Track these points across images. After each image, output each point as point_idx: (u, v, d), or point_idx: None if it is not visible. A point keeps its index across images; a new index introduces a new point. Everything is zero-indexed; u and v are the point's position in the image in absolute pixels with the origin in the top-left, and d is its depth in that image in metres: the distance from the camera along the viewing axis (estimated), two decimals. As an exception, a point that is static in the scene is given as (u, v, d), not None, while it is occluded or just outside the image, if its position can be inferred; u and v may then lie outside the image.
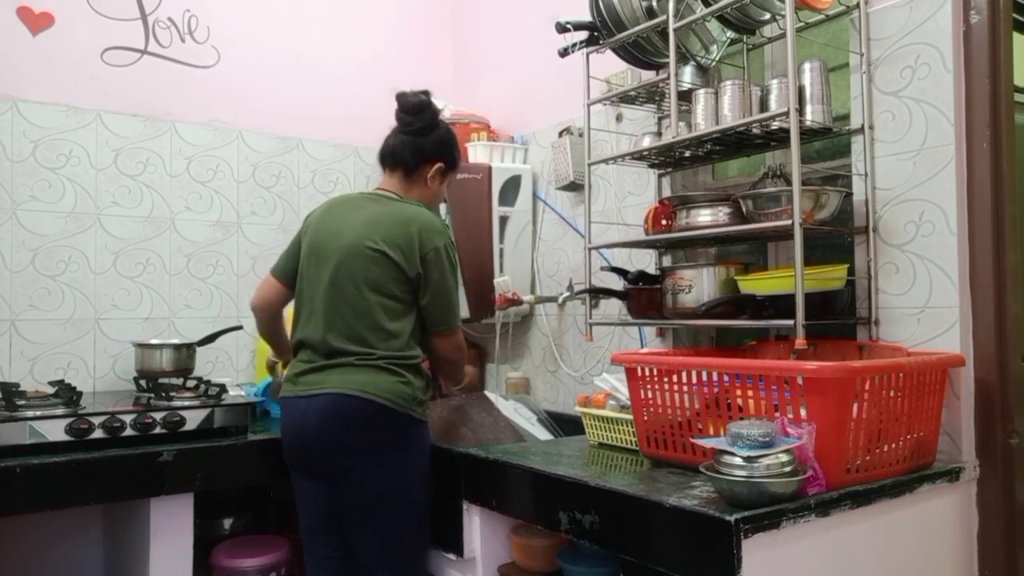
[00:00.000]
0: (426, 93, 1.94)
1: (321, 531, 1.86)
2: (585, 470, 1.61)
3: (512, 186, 2.59)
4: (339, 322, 1.79)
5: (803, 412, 1.37)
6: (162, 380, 2.21)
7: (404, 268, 1.79)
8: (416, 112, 1.90)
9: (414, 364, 1.81)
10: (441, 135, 1.95)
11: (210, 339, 2.37)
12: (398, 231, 1.80)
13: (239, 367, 2.58)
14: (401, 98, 1.92)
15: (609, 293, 2.10)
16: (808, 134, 1.71)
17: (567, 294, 2.43)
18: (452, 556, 1.86)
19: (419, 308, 1.83)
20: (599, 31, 1.96)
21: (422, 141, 1.91)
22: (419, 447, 1.82)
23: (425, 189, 1.94)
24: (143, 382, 2.17)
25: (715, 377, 1.51)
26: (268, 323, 2.02)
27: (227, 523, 2.34)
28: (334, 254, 1.83)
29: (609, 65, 2.18)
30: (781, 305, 1.61)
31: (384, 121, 1.97)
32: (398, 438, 1.77)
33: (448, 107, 1.97)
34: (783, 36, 1.79)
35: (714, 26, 1.87)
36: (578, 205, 2.48)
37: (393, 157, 1.93)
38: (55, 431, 1.75)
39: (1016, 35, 1.70)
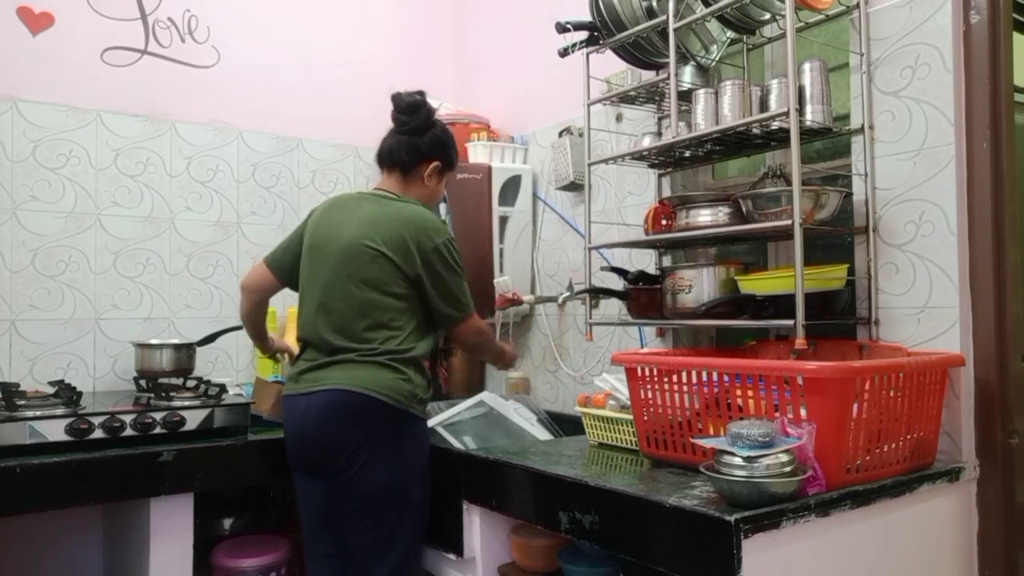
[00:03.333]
0: (421, 93, 1.95)
1: (321, 530, 1.86)
2: (585, 470, 1.61)
3: (512, 186, 2.59)
4: (339, 320, 1.80)
5: (803, 412, 1.37)
6: (162, 380, 2.21)
7: (403, 268, 1.80)
8: (411, 112, 1.92)
9: (415, 360, 1.82)
10: (437, 134, 1.95)
11: (210, 339, 2.37)
12: (396, 232, 1.81)
13: (239, 367, 2.58)
14: (396, 98, 1.94)
15: (609, 293, 2.10)
16: (808, 134, 1.71)
17: (567, 294, 2.43)
18: (452, 556, 1.86)
19: (425, 304, 1.85)
20: (599, 31, 1.96)
21: (418, 140, 1.92)
22: (418, 445, 1.82)
23: (423, 188, 1.95)
24: (143, 382, 2.17)
25: (715, 377, 1.51)
26: (253, 308, 2.05)
27: (227, 523, 2.33)
28: (333, 253, 1.84)
29: (609, 65, 2.18)
30: (781, 305, 1.61)
31: (384, 121, 1.97)
32: (397, 435, 1.77)
33: (444, 105, 1.98)
34: (783, 36, 1.79)
35: (714, 26, 1.87)
36: (578, 205, 2.48)
37: (390, 157, 1.94)
38: (55, 431, 1.75)
39: (1016, 35, 1.69)
